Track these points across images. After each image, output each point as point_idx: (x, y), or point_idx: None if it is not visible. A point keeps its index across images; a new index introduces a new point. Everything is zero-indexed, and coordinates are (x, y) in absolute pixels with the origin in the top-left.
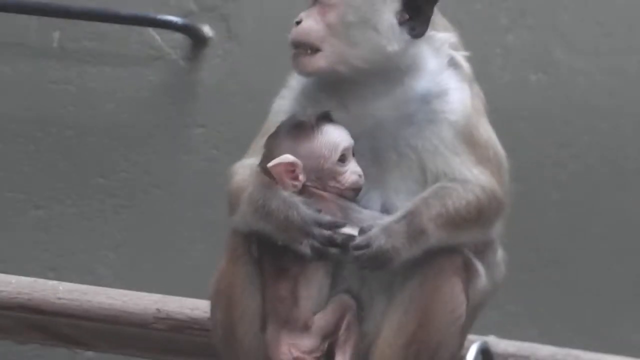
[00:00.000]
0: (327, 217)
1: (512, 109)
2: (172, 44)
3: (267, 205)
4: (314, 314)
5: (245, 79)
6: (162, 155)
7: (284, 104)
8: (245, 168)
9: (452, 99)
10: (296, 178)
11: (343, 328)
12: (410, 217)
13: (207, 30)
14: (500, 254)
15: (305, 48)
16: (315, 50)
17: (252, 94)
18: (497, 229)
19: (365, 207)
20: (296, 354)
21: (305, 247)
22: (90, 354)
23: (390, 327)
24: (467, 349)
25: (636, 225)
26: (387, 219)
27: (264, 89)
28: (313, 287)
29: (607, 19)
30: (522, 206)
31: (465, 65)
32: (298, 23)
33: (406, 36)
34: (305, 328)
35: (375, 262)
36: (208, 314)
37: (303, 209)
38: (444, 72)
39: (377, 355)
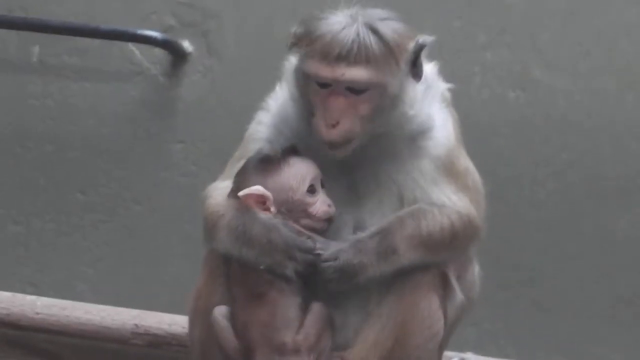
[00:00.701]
0: (308, 242)
1: (490, 125)
2: (152, 60)
3: (247, 230)
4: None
5: (225, 95)
6: (141, 171)
7: (261, 130)
8: (219, 191)
9: (436, 134)
10: (267, 210)
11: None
12: (383, 234)
13: (187, 45)
14: (476, 270)
15: (343, 144)
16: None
17: (231, 110)
18: (473, 247)
19: (338, 232)
20: None
21: (290, 271)
22: None
23: (365, 342)
24: None
25: (613, 245)
26: (360, 235)
27: (244, 105)
28: (291, 308)
29: (586, 38)
30: (499, 224)
31: (447, 96)
32: (334, 125)
33: (415, 86)
34: (296, 350)
35: (341, 275)
36: (186, 330)
37: (285, 231)
38: (431, 108)
39: None
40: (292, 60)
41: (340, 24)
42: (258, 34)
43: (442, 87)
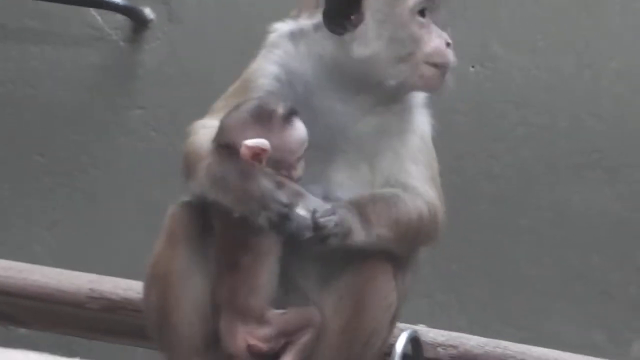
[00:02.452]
0: (284, 197)
1: (449, 100)
2: (113, 25)
3: (226, 176)
4: (267, 303)
5: (185, 62)
6: (100, 135)
7: (269, 69)
8: (206, 130)
9: (421, 112)
10: (260, 162)
11: (302, 336)
12: (356, 205)
13: (148, 12)
14: None
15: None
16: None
17: (191, 77)
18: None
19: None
20: (252, 341)
21: (262, 220)
22: (23, 331)
23: (326, 313)
24: (397, 337)
25: (566, 220)
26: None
27: (203, 72)
28: (264, 277)
29: (546, 15)
30: (454, 197)
31: None
32: (449, 44)
33: None
34: (261, 318)
35: (340, 230)
36: (141, 295)
37: (263, 181)
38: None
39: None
40: (329, 39)
41: None
42: (219, 2)
43: None
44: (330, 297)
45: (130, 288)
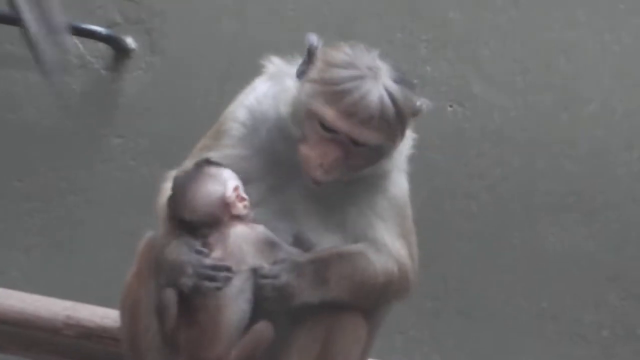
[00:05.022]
0: (207, 260)
1: (427, 138)
2: (95, 54)
3: (165, 249)
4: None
5: (166, 92)
6: (79, 163)
7: (238, 114)
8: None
9: (394, 176)
10: (243, 200)
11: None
12: (319, 264)
13: (130, 42)
14: None
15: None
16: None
17: (171, 106)
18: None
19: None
20: None
21: (186, 287)
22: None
23: (293, 347)
24: None
25: (542, 260)
26: (299, 257)
27: (184, 102)
28: (224, 328)
29: (525, 56)
30: (431, 234)
31: (410, 141)
32: (322, 165)
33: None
34: None
35: (279, 294)
36: (118, 323)
37: (181, 250)
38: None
39: None
40: (291, 83)
41: (364, 83)
42: (201, 33)
43: (409, 136)
44: (299, 330)
45: (107, 316)
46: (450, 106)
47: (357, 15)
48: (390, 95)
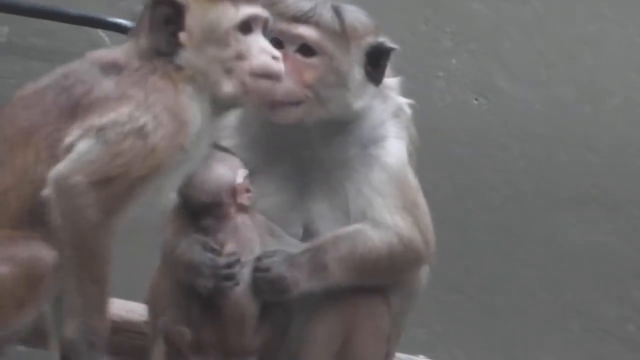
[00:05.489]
0: (218, 260)
1: (451, 131)
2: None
3: (175, 249)
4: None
5: None
6: None
7: (230, 119)
8: None
9: (389, 145)
10: (249, 191)
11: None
12: (315, 252)
13: None
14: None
15: (284, 104)
16: (293, 104)
17: None
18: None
19: (287, 231)
20: None
21: (202, 289)
22: (22, 348)
23: (315, 342)
24: None
25: (564, 254)
26: (294, 250)
27: None
28: (247, 319)
29: (549, 49)
30: (454, 228)
31: (407, 112)
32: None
33: (369, 88)
34: (249, 348)
35: (272, 287)
36: (144, 317)
37: (197, 250)
38: (386, 120)
39: None
40: None
41: None
42: None
43: (401, 101)
44: (321, 326)
45: (133, 310)
46: (476, 99)
47: (381, 8)
48: (333, 7)
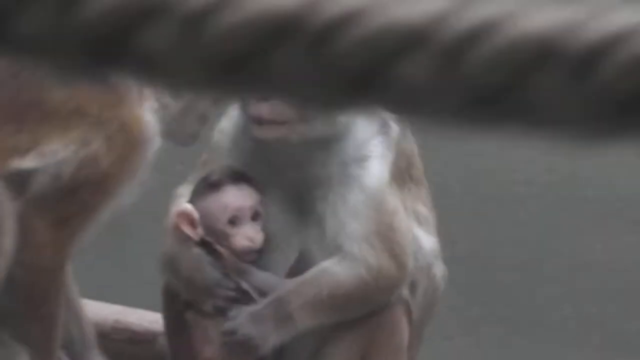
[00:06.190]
0: (230, 283)
1: (474, 142)
2: None
3: (176, 262)
4: None
5: None
6: None
7: (222, 140)
8: (180, 199)
9: (370, 164)
10: (195, 228)
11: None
12: (277, 303)
13: None
14: (439, 269)
15: (269, 122)
16: (279, 122)
17: None
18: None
19: (285, 262)
20: None
21: (208, 306)
22: None
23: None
24: None
25: (589, 268)
26: (256, 306)
27: None
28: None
29: None
30: (477, 240)
31: (394, 127)
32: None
33: None
34: None
35: (242, 348)
36: None
37: (209, 272)
38: (370, 139)
39: None
40: None
41: None
42: None
43: (386, 117)
44: (339, 345)
45: (156, 321)
46: None
47: None
48: None
